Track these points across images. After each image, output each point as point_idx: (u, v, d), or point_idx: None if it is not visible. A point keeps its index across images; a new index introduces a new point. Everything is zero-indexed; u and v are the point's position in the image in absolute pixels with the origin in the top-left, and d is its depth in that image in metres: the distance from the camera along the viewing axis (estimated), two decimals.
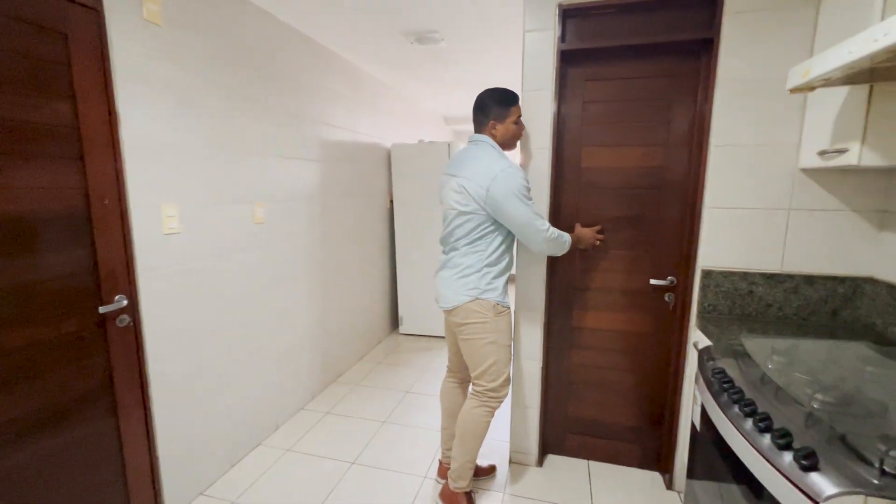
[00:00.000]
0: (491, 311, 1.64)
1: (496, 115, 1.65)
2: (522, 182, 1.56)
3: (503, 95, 1.66)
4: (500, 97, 1.65)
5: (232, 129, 1.97)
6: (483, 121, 1.68)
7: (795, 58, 1.53)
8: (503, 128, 1.66)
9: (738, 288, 1.70)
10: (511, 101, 1.66)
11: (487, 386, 1.69)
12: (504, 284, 1.70)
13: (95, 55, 1.39)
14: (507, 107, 1.65)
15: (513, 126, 1.67)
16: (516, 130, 1.69)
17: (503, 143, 1.69)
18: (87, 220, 1.40)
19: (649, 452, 2.04)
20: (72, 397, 1.39)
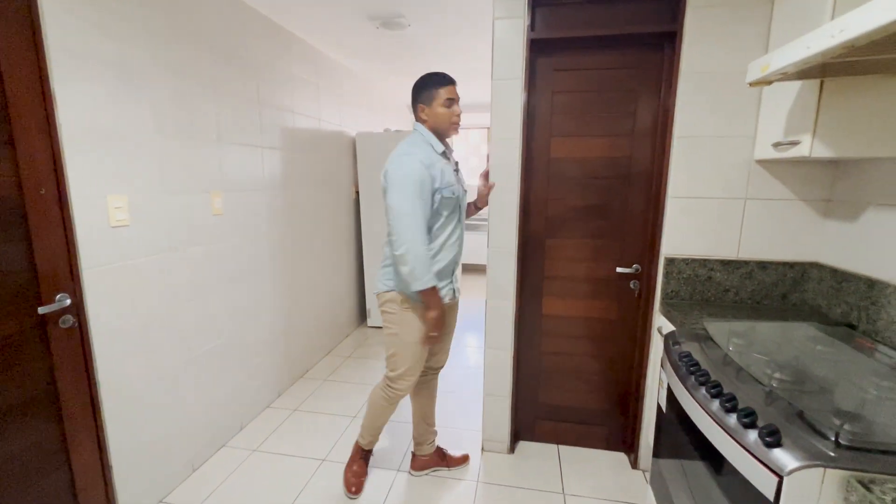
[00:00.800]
0: (398, 304, 1.64)
1: (424, 98, 1.59)
2: (411, 172, 1.48)
3: (431, 77, 1.59)
4: (428, 79, 1.59)
5: (185, 114, 1.84)
6: (414, 106, 1.64)
7: (752, 52, 1.59)
8: (431, 111, 1.59)
9: (699, 274, 1.77)
10: (438, 83, 1.58)
11: (387, 374, 1.75)
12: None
13: (23, 27, 1.25)
14: (433, 89, 1.57)
15: (441, 110, 1.58)
16: (446, 114, 1.59)
17: (436, 129, 1.62)
18: (20, 212, 1.26)
19: (615, 434, 2.11)
20: (8, 407, 1.26)
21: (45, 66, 1.30)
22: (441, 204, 1.57)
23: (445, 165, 1.60)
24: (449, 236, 1.64)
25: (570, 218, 1.96)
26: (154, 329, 1.73)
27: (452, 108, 1.59)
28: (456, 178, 1.65)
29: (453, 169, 1.65)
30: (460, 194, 1.65)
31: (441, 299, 1.60)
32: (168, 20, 1.74)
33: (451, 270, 1.69)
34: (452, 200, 1.60)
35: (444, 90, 1.58)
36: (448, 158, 1.65)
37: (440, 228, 1.61)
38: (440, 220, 1.60)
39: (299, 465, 2.02)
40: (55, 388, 1.38)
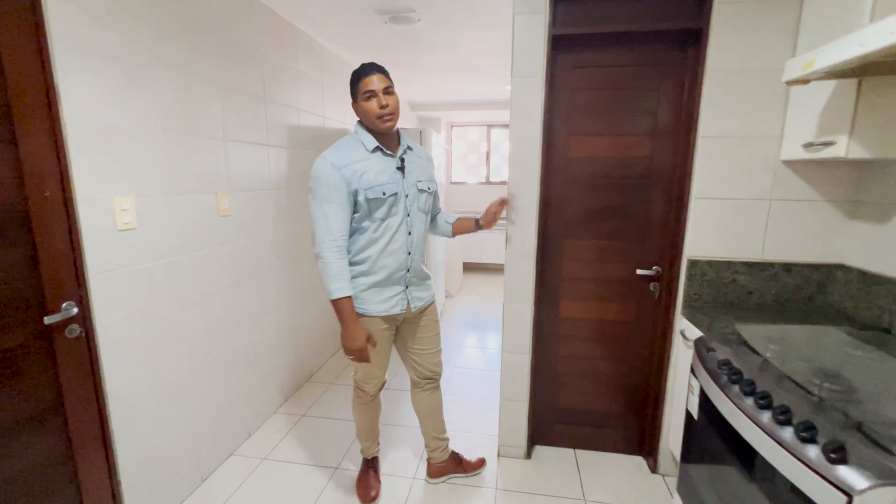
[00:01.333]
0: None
1: (352, 93, 1.50)
2: (319, 175, 1.42)
3: (355, 71, 1.48)
4: (353, 73, 1.49)
5: (191, 110, 1.76)
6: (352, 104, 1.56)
7: (779, 50, 1.56)
8: (358, 107, 1.49)
9: (722, 276, 1.74)
10: (357, 76, 1.47)
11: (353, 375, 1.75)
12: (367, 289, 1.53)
13: (25, 16, 1.16)
14: (356, 83, 1.47)
15: (364, 104, 1.46)
16: (368, 108, 1.45)
17: (367, 125, 1.50)
18: (23, 215, 1.18)
19: (633, 438, 2.08)
20: (13, 424, 1.19)
21: (47, 59, 1.21)
22: (369, 206, 1.45)
23: (376, 164, 1.47)
24: (391, 241, 1.51)
25: (589, 219, 1.92)
26: (161, 336, 1.65)
27: (371, 101, 1.44)
28: (400, 176, 1.51)
29: (396, 166, 1.51)
30: (400, 192, 1.50)
31: (350, 314, 1.45)
32: (172, 11, 1.66)
33: (402, 278, 1.57)
34: (383, 201, 1.46)
35: (363, 83, 1.45)
36: (388, 155, 1.51)
37: (377, 232, 1.49)
38: (374, 223, 1.48)
39: (311, 474, 1.96)
40: (62, 402, 1.30)
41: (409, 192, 1.53)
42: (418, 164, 1.60)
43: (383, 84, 1.45)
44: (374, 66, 1.47)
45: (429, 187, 1.61)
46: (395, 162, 1.52)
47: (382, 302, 1.56)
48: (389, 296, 1.56)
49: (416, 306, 1.64)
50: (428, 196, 1.62)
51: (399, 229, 1.52)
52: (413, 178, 1.55)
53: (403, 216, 1.53)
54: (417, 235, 1.58)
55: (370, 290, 1.54)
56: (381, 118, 1.45)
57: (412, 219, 1.55)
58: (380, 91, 1.44)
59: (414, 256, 1.58)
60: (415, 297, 1.63)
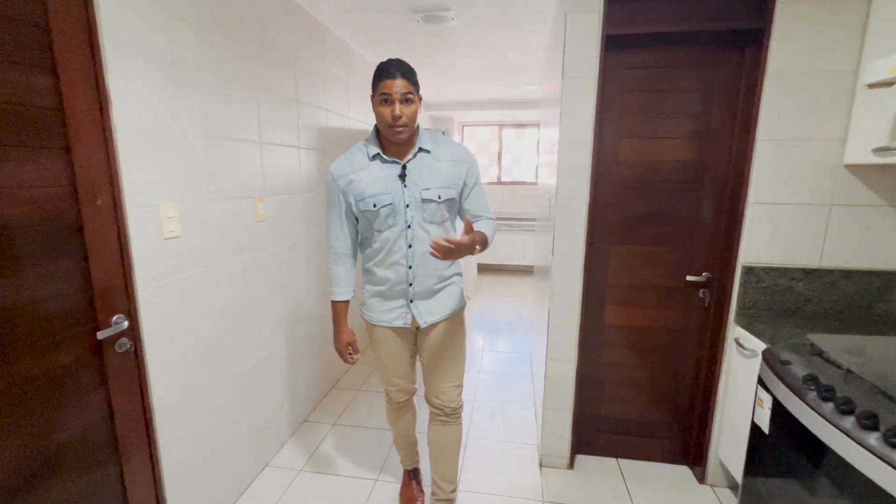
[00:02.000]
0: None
1: (372, 89, 1.36)
2: (328, 181, 1.44)
3: (378, 68, 1.34)
4: (376, 70, 1.34)
5: (230, 112, 1.70)
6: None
7: (844, 51, 1.51)
8: (373, 107, 1.36)
9: (779, 283, 1.70)
10: (377, 74, 1.32)
11: None
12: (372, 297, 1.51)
13: (80, 18, 1.10)
14: (374, 80, 1.34)
15: (377, 108, 1.33)
16: (380, 114, 1.32)
17: (380, 129, 1.38)
18: (77, 225, 1.12)
19: (677, 447, 2.04)
20: (67, 443, 1.13)
21: (99, 63, 1.15)
22: (366, 217, 1.40)
23: (373, 173, 1.37)
24: (389, 253, 1.41)
25: (637, 223, 1.87)
26: (203, 347, 1.59)
27: (385, 107, 1.30)
28: (400, 184, 1.37)
29: (398, 174, 1.37)
30: (398, 203, 1.37)
31: (336, 317, 1.53)
32: (214, 12, 1.60)
33: (403, 292, 1.46)
34: (376, 213, 1.36)
35: (383, 84, 1.30)
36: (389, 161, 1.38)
37: (377, 244, 1.42)
38: (374, 234, 1.42)
39: (352, 486, 1.91)
40: (112, 419, 1.24)
41: (409, 201, 1.37)
42: (431, 168, 1.40)
43: (404, 90, 1.30)
44: (399, 68, 1.31)
45: (439, 195, 1.39)
46: (397, 169, 1.38)
47: (386, 312, 1.50)
48: (392, 307, 1.49)
49: (425, 321, 1.49)
50: (437, 206, 1.40)
51: (397, 242, 1.40)
52: (418, 187, 1.38)
53: (402, 228, 1.39)
54: (422, 248, 1.40)
55: (375, 299, 1.51)
56: (391, 128, 1.32)
57: (414, 231, 1.39)
58: (397, 98, 1.29)
59: (416, 271, 1.43)
60: (423, 312, 1.48)
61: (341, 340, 1.54)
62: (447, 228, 1.48)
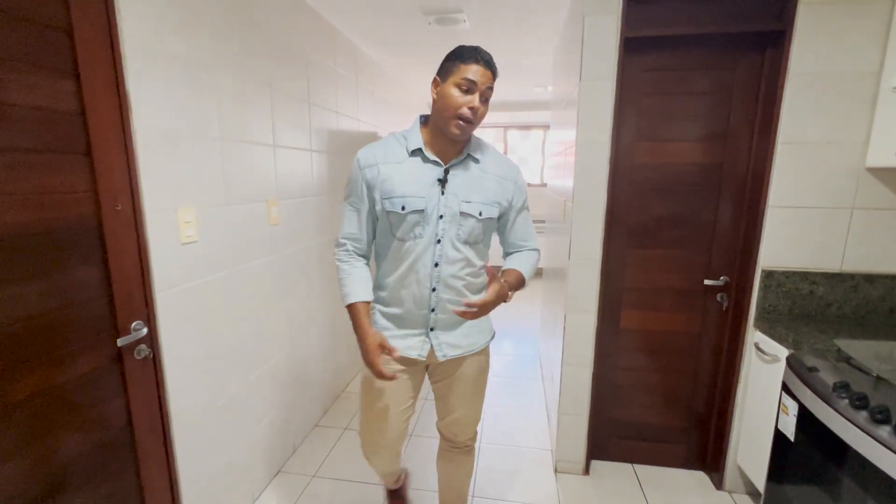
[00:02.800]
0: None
1: (443, 70, 1.16)
2: (351, 167, 1.23)
3: (461, 49, 1.15)
4: (458, 50, 1.15)
5: (243, 115, 1.69)
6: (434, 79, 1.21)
7: (866, 52, 1.50)
8: (441, 90, 1.15)
9: (799, 288, 1.68)
10: (459, 56, 1.13)
11: None
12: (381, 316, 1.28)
13: (101, 21, 1.09)
14: (456, 61, 1.13)
15: (452, 91, 1.12)
16: (454, 99, 1.12)
17: (437, 116, 1.17)
18: (98, 231, 1.11)
19: (694, 453, 2.02)
20: (88, 452, 1.11)
21: (120, 67, 1.14)
22: (388, 220, 1.19)
23: (409, 170, 1.18)
24: (410, 270, 1.19)
25: (654, 227, 1.85)
26: (219, 353, 1.58)
27: (464, 95, 1.12)
28: (439, 190, 1.17)
29: (437, 178, 1.18)
30: (430, 211, 1.16)
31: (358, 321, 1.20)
32: (230, 15, 1.58)
33: (424, 319, 1.23)
34: (402, 217, 1.16)
35: (471, 68, 1.11)
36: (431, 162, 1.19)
37: (397, 256, 1.21)
38: (394, 243, 1.20)
39: (366, 493, 1.89)
40: (131, 427, 1.23)
41: (444, 212, 1.17)
42: (476, 180, 1.22)
43: (487, 84, 1.14)
44: (491, 60, 1.15)
45: (480, 212, 1.20)
46: (437, 172, 1.19)
47: (399, 339, 1.24)
48: (408, 334, 1.25)
49: (444, 355, 1.26)
50: (476, 223, 1.21)
51: (422, 257, 1.18)
52: (458, 197, 1.19)
53: (431, 242, 1.18)
54: (451, 270, 1.20)
55: (386, 321, 1.26)
56: (458, 119, 1.13)
57: (443, 248, 1.19)
58: (481, 89, 1.13)
59: (442, 295, 1.22)
60: (444, 344, 1.26)
61: (371, 344, 1.18)
62: (480, 252, 1.28)
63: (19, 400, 0.96)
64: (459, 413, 1.38)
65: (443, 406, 1.40)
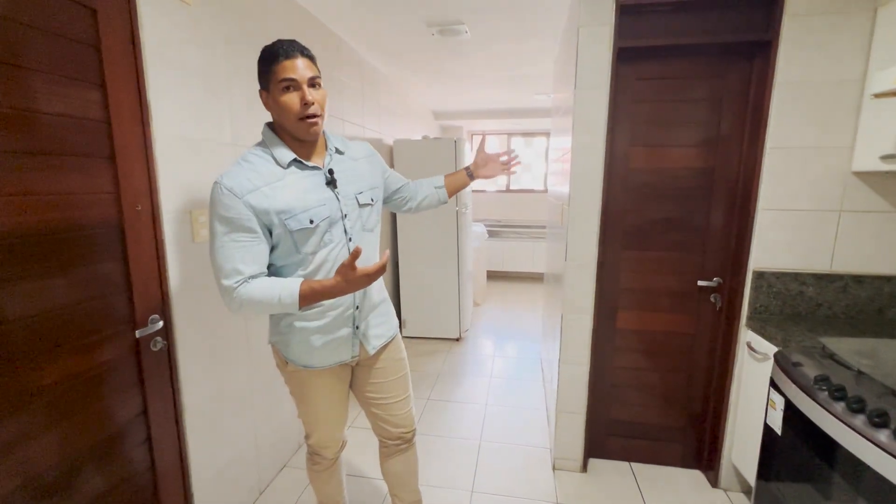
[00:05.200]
0: (283, 367, 1.28)
1: (263, 80, 1.10)
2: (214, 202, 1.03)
3: (266, 51, 1.08)
4: (264, 53, 1.08)
5: (254, 122, 1.77)
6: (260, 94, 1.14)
7: (851, 62, 1.56)
8: (271, 100, 1.10)
9: (790, 288, 1.72)
10: (269, 57, 1.07)
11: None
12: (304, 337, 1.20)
13: (125, 35, 1.18)
14: (265, 66, 1.07)
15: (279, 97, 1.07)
16: (286, 103, 1.07)
17: (282, 123, 1.10)
18: (119, 229, 1.19)
19: (690, 451, 2.06)
20: (107, 438, 1.19)
21: (142, 77, 1.23)
22: (293, 239, 1.10)
23: (296, 183, 1.11)
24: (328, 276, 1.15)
25: (648, 230, 1.91)
26: (229, 348, 1.65)
27: (291, 94, 1.06)
28: (332, 193, 1.15)
29: (325, 182, 1.15)
30: (335, 214, 1.14)
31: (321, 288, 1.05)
32: (243, 27, 1.68)
33: (349, 318, 1.23)
34: (311, 231, 1.11)
35: (280, 67, 1.04)
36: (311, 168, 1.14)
37: (309, 269, 1.14)
38: (303, 259, 1.13)
39: (367, 488, 1.95)
40: (146, 416, 1.30)
41: (346, 210, 1.17)
42: (354, 169, 1.22)
43: (310, 73, 1.07)
44: (295, 46, 1.07)
45: (372, 198, 1.24)
46: (322, 176, 1.15)
47: (328, 352, 1.22)
48: (334, 340, 1.22)
49: (373, 346, 1.29)
50: (372, 209, 1.25)
51: (338, 261, 1.15)
52: (351, 191, 1.19)
53: (342, 243, 1.17)
54: (365, 262, 1.14)
55: (311, 338, 1.20)
56: (304, 120, 1.07)
57: (355, 243, 1.19)
58: (304, 82, 1.06)
59: (365, 291, 1.23)
60: (370, 336, 1.28)
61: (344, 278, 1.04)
62: (378, 234, 1.31)
63: (47, 384, 1.03)
64: (398, 399, 1.40)
65: (381, 405, 1.39)
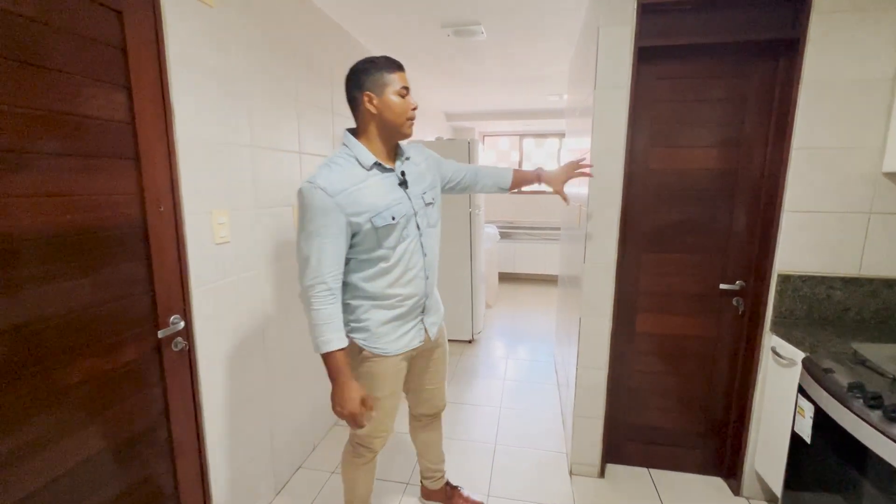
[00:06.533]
0: (356, 356, 1.33)
1: (371, 84, 1.23)
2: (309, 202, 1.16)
3: (377, 61, 1.25)
4: (375, 62, 1.25)
5: (272, 124, 1.78)
6: (354, 97, 1.27)
7: (881, 60, 1.52)
8: (383, 102, 1.23)
9: (816, 292, 1.68)
10: (391, 67, 1.24)
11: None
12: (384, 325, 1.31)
13: (150, 37, 1.19)
14: (385, 73, 1.22)
15: (396, 99, 1.23)
16: (402, 105, 1.24)
17: (386, 127, 1.25)
18: (143, 230, 1.20)
19: (711, 458, 2.01)
20: (130, 437, 1.19)
21: (165, 79, 1.24)
22: (377, 235, 1.23)
23: (377, 183, 1.24)
24: (407, 269, 1.30)
25: (669, 232, 1.88)
26: (248, 349, 1.66)
27: (406, 99, 1.25)
28: (404, 192, 1.29)
29: (398, 182, 1.29)
30: (409, 214, 1.28)
31: (343, 370, 1.21)
32: (262, 30, 1.69)
33: (420, 307, 1.38)
34: (393, 227, 1.24)
35: (400, 76, 1.24)
36: (387, 170, 1.28)
37: (391, 262, 1.27)
38: (386, 252, 1.26)
39: (383, 489, 1.94)
40: (167, 416, 1.31)
41: (416, 208, 1.31)
42: (418, 172, 1.37)
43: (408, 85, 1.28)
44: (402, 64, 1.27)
45: (433, 198, 1.39)
46: (396, 177, 1.30)
47: (402, 337, 1.35)
48: (408, 329, 1.37)
49: (433, 333, 1.45)
50: (434, 207, 1.40)
51: (414, 254, 1.32)
52: (418, 191, 1.33)
53: (416, 238, 1.32)
54: (433, 255, 1.38)
55: (388, 326, 1.32)
56: (410, 121, 1.27)
57: (425, 238, 1.35)
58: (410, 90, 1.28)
59: (431, 280, 1.39)
60: (431, 323, 1.44)
61: (353, 399, 1.22)
62: (440, 229, 1.47)
63: (72, 384, 1.04)
64: (439, 384, 1.61)
65: (428, 386, 1.58)
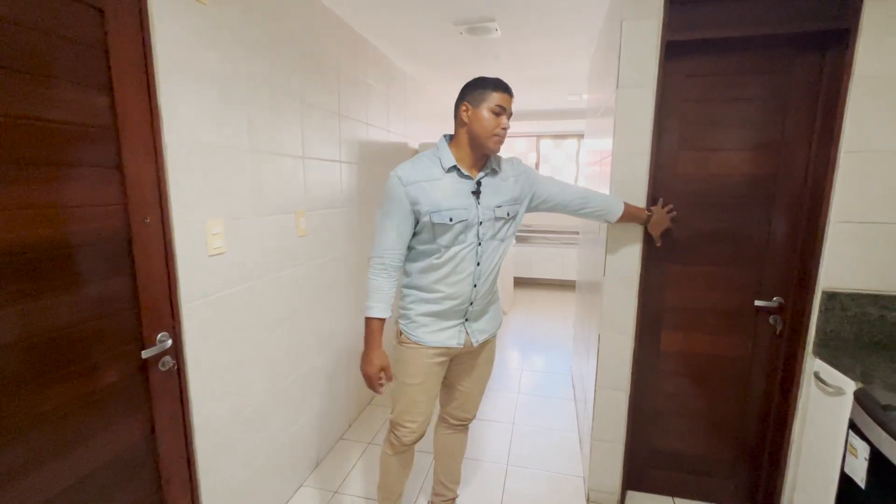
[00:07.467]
0: (397, 336, 1.50)
1: (473, 97, 1.34)
2: (387, 188, 1.35)
3: (487, 79, 1.36)
4: (484, 80, 1.36)
5: (274, 128, 1.70)
6: (458, 106, 1.38)
7: None
8: (475, 114, 1.33)
9: (867, 312, 1.51)
10: (495, 86, 1.33)
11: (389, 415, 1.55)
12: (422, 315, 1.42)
13: (135, 37, 1.11)
14: (487, 90, 1.33)
15: (487, 114, 1.32)
16: (491, 121, 1.32)
17: (473, 137, 1.35)
18: (126, 243, 1.12)
19: (742, 489, 1.85)
20: (111, 462, 1.12)
21: (153, 81, 1.16)
22: (433, 230, 1.34)
23: (448, 185, 1.34)
24: (454, 271, 1.37)
25: (698, 242, 1.72)
26: (245, 364, 1.57)
27: (501, 117, 1.34)
28: (475, 201, 1.36)
29: (472, 190, 1.36)
30: (472, 220, 1.35)
31: (373, 337, 1.40)
32: (264, 29, 1.60)
33: (462, 311, 1.43)
34: (449, 227, 1.32)
35: (499, 95, 1.32)
36: (465, 176, 1.36)
37: (440, 259, 1.36)
38: (437, 249, 1.36)
39: None
40: (154, 439, 1.23)
41: (482, 218, 1.37)
42: (501, 187, 1.42)
43: (511, 109, 1.37)
44: (510, 88, 1.37)
45: (508, 213, 1.42)
46: (471, 185, 1.37)
47: (438, 332, 1.42)
48: (446, 327, 1.43)
49: (477, 340, 1.48)
50: (506, 223, 1.43)
51: (466, 259, 1.37)
52: (490, 204, 1.38)
53: (473, 245, 1.37)
54: (489, 266, 1.42)
55: (427, 318, 1.42)
56: (496, 137, 1.34)
57: (483, 248, 1.39)
58: (508, 114, 1.36)
59: (480, 289, 1.42)
60: (476, 330, 1.48)
61: (374, 364, 1.40)
62: (508, 244, 1.49)
63: (48, 410, 0.97)
64: (475, 391, 1.62)
65: (461, 394, 1.60)
